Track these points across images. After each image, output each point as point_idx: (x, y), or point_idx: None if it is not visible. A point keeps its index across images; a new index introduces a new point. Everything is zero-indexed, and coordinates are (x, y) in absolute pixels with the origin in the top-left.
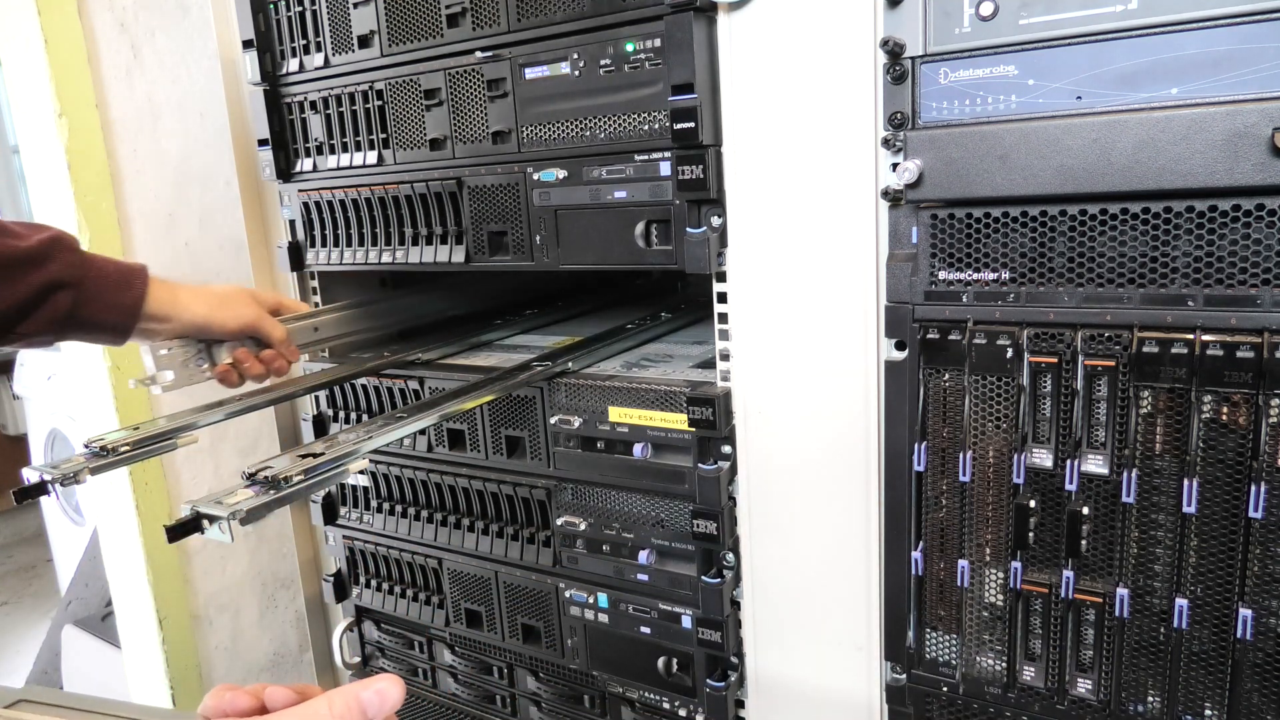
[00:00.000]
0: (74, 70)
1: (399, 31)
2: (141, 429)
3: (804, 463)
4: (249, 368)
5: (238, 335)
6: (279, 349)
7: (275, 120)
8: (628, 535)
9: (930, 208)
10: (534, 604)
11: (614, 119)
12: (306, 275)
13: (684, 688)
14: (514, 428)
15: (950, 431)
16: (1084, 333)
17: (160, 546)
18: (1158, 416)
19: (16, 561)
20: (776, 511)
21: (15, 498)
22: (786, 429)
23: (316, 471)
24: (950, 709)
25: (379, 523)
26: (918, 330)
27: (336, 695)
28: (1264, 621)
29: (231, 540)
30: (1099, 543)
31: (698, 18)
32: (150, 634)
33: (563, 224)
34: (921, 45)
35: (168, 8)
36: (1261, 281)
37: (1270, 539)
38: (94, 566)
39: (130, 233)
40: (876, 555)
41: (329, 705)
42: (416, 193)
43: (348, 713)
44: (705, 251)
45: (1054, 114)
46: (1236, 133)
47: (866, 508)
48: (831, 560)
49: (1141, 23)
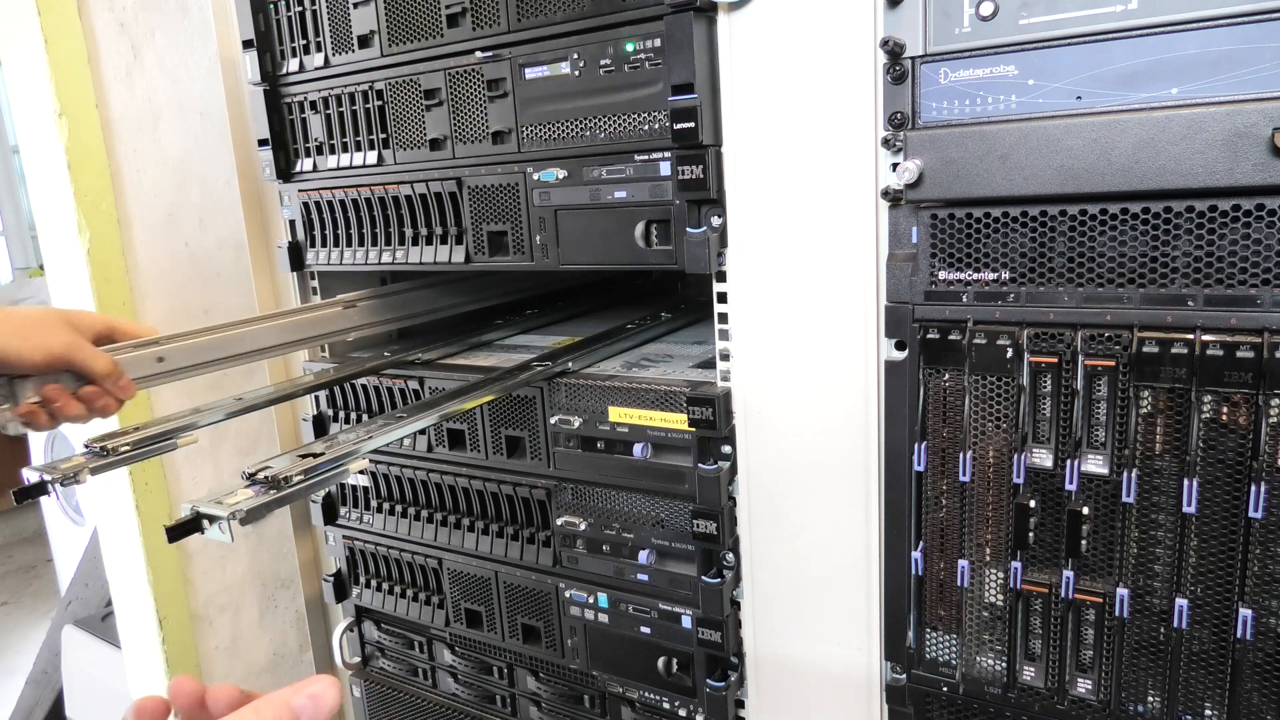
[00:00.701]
0: (74, 70)
1: (399, 31)
2: (141, 429)
3: (804, 463)
4: (61, 407)
5: (46, 369)
6: (104, 384)
7: (275, 120)
8: (628, 535)
9: (930, 208)
10: (534, 604)
11: (614, 119)
12: (306, 275)
13: (684, 688)
14: (514, 428)
15: (950, 431)
16: (1084, 333)
17: (160, 546)
18: (1158, 416)
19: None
20: (776, 511)
21: (15, 498)
22: (786, 429)
23: (316, 471)
24: (950, 709)
25: (379, 523)
26: (918, 330)
27: (265, 703)
28: (1264, 621)
29: (231, 540)
30: (1099, 543)
31: (698, 18)
32: (150, 634)
33: (563, 224)
34: (921, 45)
35: (168, 8)
36: (1261, 281)
37: (1270, 539)
38: (94, 566)
39: (130, 233)
40: (876, 555)
41: (256, 714)
42: (416, 193)
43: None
44: (705, 251)
45: (1054, 114)
46: (1236, 133)
47: (866, 507)
48: (831, 560)
49: (1141, 23)
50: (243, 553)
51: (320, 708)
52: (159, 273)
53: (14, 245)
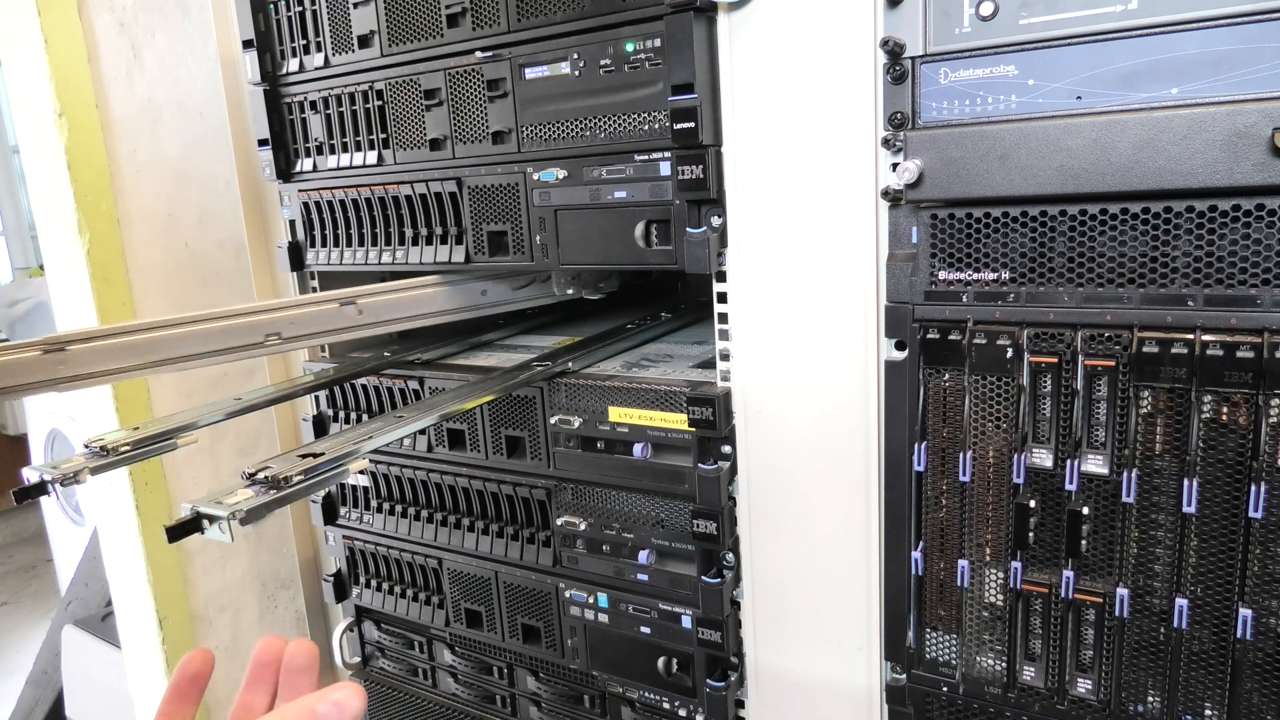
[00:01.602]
0: (74, 70)
1: (399, 31)
2: (141, 429)
3: (804, 462)
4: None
5: None
6: None
7: (275, 120)
8: (628, 535)
9: (930, 208)
10: (534, 604)
11: (614, 119)
12: (306, 275)
13: (684, 688)
14: (514, 428)
15: (950, 431)
16: (1084, 333)
17: (160, 546)
18: (1158, 416)
19: (16, 561)
20: (776, 511)
21: (15, 498)
22: (786, 429)
23: (316, 471)
24: (950, 709)
25: (379, 523)
26: (918, 330)
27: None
28: (1264, 621)
29: (231, 540)
30: (1099, 543)
31: (698, 18)
32: (150, 634)
33: (563, 224)
34: (921, 45)
35: (168, 8)
36: (1261, 281)
37: (1270, 539)
38: (94, 566)
39: (130, 233)
40: (876, 555)
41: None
42: (416, 193)
43: None
44: (705, 251)
45: (1054, 114)
46: (1236, 133)
47: (866, 507)
48: (831, 560)
49: (1141, 23)
50: (243, 553)
51: (344, 714)
52: (159, 273)
53: (14, 245)
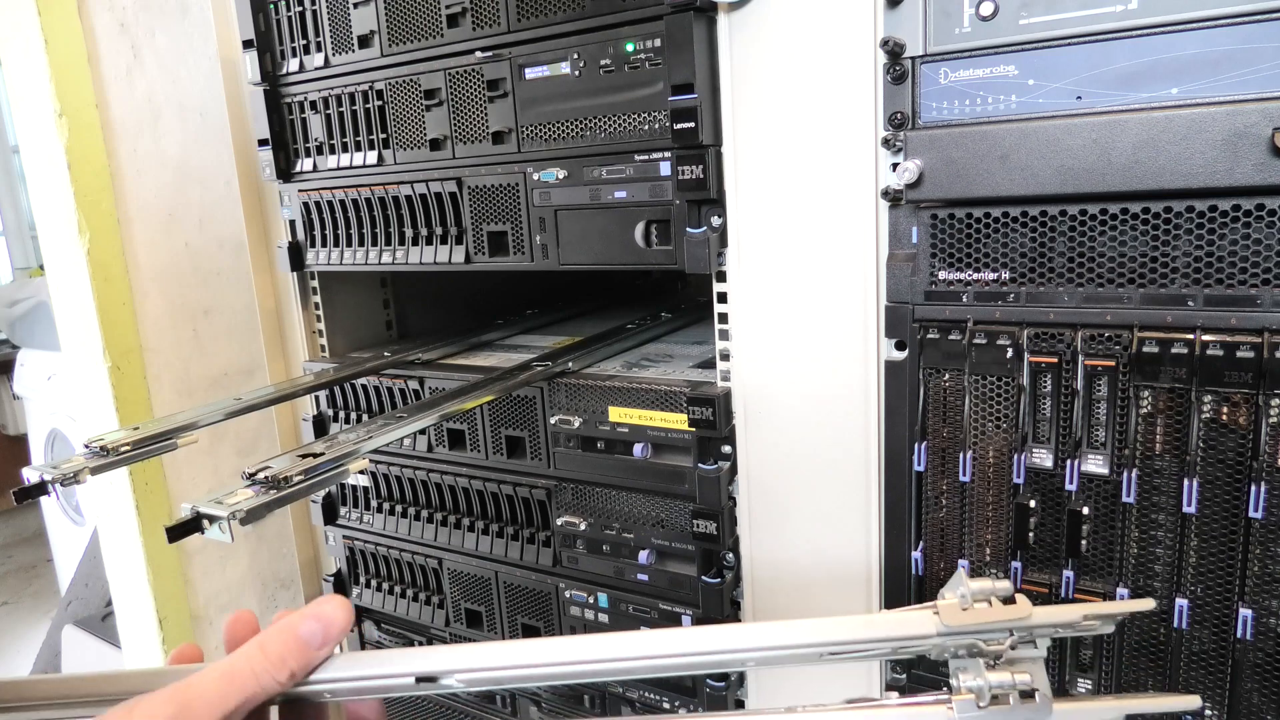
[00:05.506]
0: (74, 70)
1: (399, 31)
2: (141, 429)
3: (804, 462)
4: None
5: None
6: None
7: (275, 120)
8: (628, 535)
9: (930, 208)
10: (534, 604)
11: (614, 119)
12: (306, 275)
13: (684, 688)
14: (514, 428)
15: (950, 431)
16: (1084, 333)
17: (160, 546)
18: (1158, 416)
19: (16, 561)
20: (777, 511)
21: (15, 498)
22: (786, 429)
23: (316, 471)
24: None
25: (379, 523)
26: (918, 330)
27: (272, 634)
28: (1264, 621)
29: (231, 540)
30: (1099, 543)
31: (698, 18)
32: (150, 634)
33: (563, 224)
34: (921, 45)
35: (168, 8)
36: (1261, 281)
37: (1270, 539)
38: (94, 566)
39: (130, 233)
40: (877, 555)
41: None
42: (416, 193)
43: (285, 652)
44: (705, 251)
45: (1054, 114)
46: (1236, 133)
47: (867, 507)
48: (832, 560)
49: (1141, 23)
50: (243, 553)
51: (330, 629)
52: (159, 273)
53: (14, 245)
